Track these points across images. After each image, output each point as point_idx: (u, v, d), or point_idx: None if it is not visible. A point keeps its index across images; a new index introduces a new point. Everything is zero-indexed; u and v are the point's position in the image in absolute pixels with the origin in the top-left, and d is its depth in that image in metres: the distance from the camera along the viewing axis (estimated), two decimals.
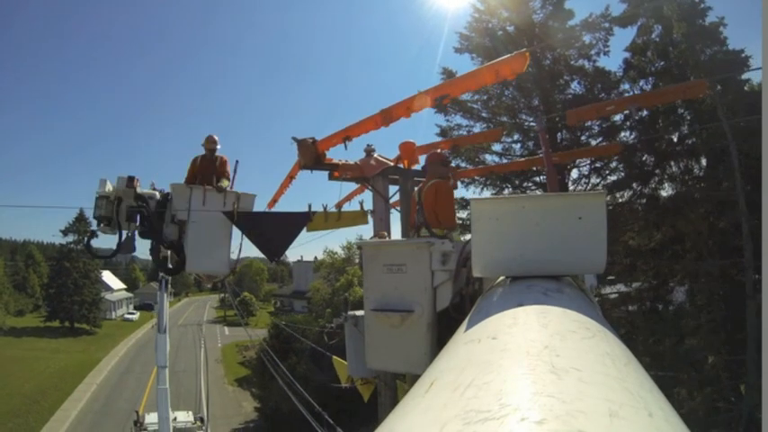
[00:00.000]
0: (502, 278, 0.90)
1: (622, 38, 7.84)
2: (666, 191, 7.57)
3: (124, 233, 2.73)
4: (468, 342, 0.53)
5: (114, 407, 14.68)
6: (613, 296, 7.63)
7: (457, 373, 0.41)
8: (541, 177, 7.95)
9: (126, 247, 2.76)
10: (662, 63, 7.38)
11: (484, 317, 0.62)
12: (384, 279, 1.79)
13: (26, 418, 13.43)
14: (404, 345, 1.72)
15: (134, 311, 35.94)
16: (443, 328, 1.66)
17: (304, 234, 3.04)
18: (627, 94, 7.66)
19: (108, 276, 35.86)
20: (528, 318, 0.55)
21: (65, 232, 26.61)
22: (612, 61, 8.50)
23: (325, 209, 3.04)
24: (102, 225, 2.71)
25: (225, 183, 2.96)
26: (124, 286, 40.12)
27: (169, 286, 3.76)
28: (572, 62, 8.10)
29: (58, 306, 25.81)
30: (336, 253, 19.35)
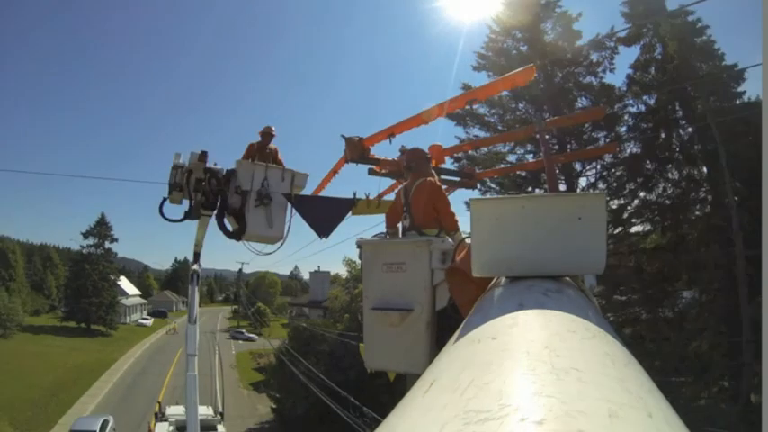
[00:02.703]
0: (502, 278, 0.90)
1: (627, 55, 8.40)
2: (668, 194, 8.09)
3: (192, 202, 3.03)
4: (467, 342, 0.53)
5: (130, 403, 14.94)
6: (618, 298, 7.89)
7: (457, 373, 0.41)
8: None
9: (194, 213, 3.07)
10: (664, 78, 7.96)
11: (484, 317, 0.61)
12: (383, 278, 1.78)
13: (45, 409, 13.74)
14: (403, 344, 1.72)
15: (148, 317, 36.72)
16: (442, 327, 1.66)
17: (329, 241, 3.40)
18: (630, 109, 8.34)
19: (124, 282, 36.63)
20: (528, 318, 0.55)
21: (86, 235, 27.36)
22: (618, 77, 9.08)
23: (367, 197, 3.35)
24: (173, 192, 3.03)
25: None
26: (139, 292, 40.95)
27: (199, 279, 3.94)
28: (580, 79, 8.73)
29: (76, 306, 26.30)
30: (355, 262, 19.79)
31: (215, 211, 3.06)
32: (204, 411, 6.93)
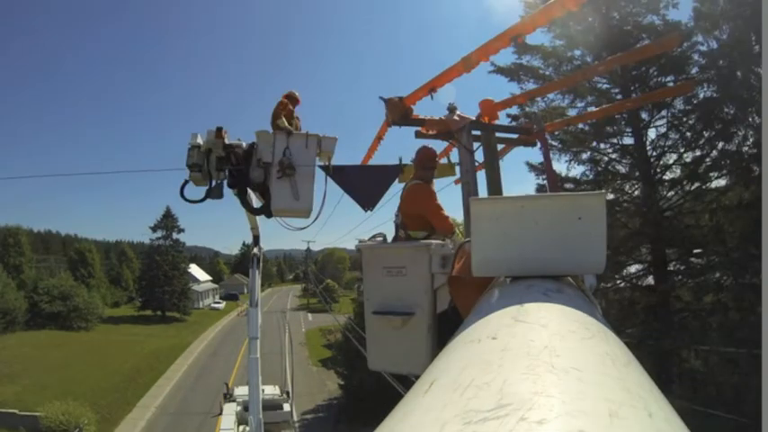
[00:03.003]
0: (502, 278, 0.90)
1: None
2: (751, 142, 6.43)
3: (214, 182, 2.87)
4: (467, 342, 0.53)
5: (204, 384, 15.56)
6: (699, 261, 6.92)
7: (457, 373, 0.41)
8: (619, 138, 7.63)
9: (215, 193, 2.90)
10: (734, 7, 6.54)
11: (483, 317, 0.62)
12: (384, 282, 1.79)
13: (124, 393, 14.84)
14: (405, 346, 1.73)
15: (220, 301, 38.32)
16: (443, 329, 1.66)
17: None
18: (700, 47, 7.07)
19: (195, 269, 38.25)
20: (528, 318, 0.55)
21: (154, 228, 29.01)
22: (683, 13, 8.08)
23: None
24: (193, 173, 2.85)
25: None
26: (210, 278, 42.72)
27: (261, 263, 3.85)
28: (640, 19, 7.52)
29: (151, 296, 27.88)
30: None
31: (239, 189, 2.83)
32: (270, 391, 6.97)
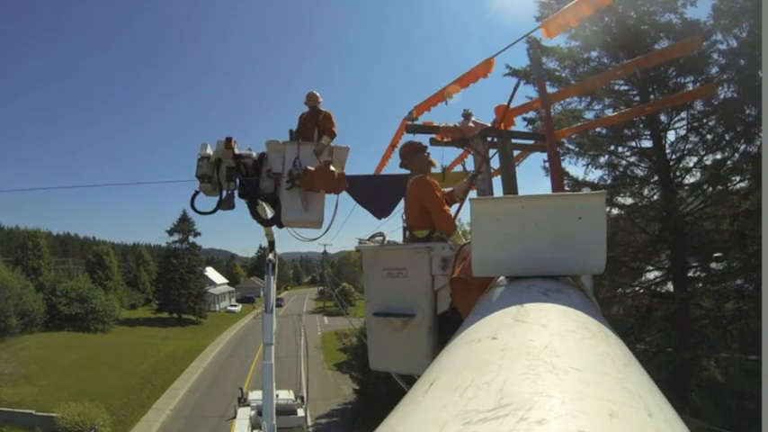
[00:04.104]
0: (501, 278, 0.89)
1: None
2: None
3: (224, 192, 2.86)
4: (467, 342, 0.53)
5: (219, 387, 15.62)
6: (720, 267, 6.71)
7: (457, 373, 0.41)
8: (637, 141, 7.41)
9: (226, 203, 2.88)
10: (754, 4, 6.30)
11: (483, 317, 0.61)
12: (385, 283, 1.78)
13: (139, 395, 14.90)
14: (406, 347, 1.72)
15: (236, 304, 38.47)
16: (444, 330, 1.66)
17: None
18: (720, 46, 6.83)
19: (211, 272, 38.95)
20: (528, 318, 0.55)
21: (170, 232, 29.31)
22: (701, 11, 7.62)
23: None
24: (203, 184, 2.83)
25: (326, 140, 2.97)
26: (226, 281, 43.05)
27: (276, 269, 3.84)
28: (657, 18, 7.31)
29: (167, 299, 28.15)
30: None
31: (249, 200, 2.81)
32: (285, 396, 7.03)
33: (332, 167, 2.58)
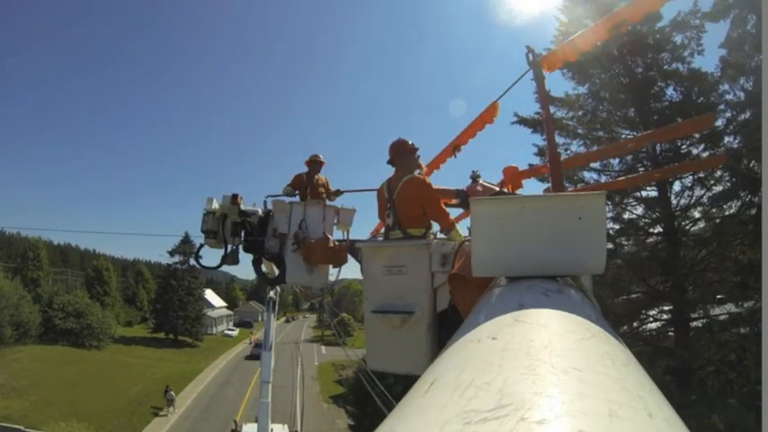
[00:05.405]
0: (502, 278, 0.89)
1: (716, 34, 7.21)
2: None
3: (229, 247, 2.86)
4: (467, 342, 0.53)
5: (213, 414, 15.26)
6: (723, 317, 6.68)
7: (457, 373, 0.41)
8: (642, 192, 7.37)
9: (231, 259, 2.89)
10: (761, 57, 6.39)
11: (484, 317, 0.61)
12: (384, 280, 1.77)
13: (130, 418, 14.50)
14: (404, 346, 1.70)
15: (233, 328, 38.04)
16: (443, 329, 1.65)
17: None
18: (727, 96, 6.95)
19: (210, 294, 38.54)
20: (528, 318, 0.55)
21: (171, 253, 29.11)
22: (708, 61, 7.84)
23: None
24: (208, 239, 2.85)
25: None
26: (225, 304, 42.55)
27: (276, 306, 3.85)
28: (665, 66, 7.40)
29: (164, 320, 27.82)
30: None
31: (253, 256, 2.83)
32: (279, 430, 6.96)
33: (331, 242, 2.52)
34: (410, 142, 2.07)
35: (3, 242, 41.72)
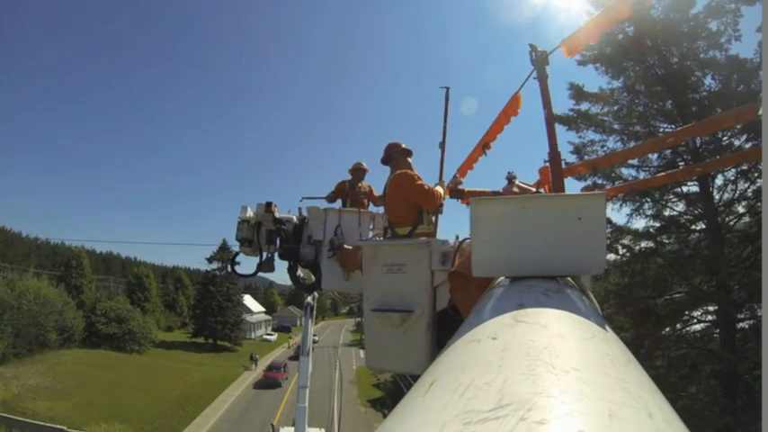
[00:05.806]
0: (502, 278, 0.89)
1: (753, 17, 6.70)
2: None
3: (264, 254, 2.87)
4: (467, 342, 0.53)
5: (250, 417, 15.31)
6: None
7: (457, 373, 0.41)
8: (683, 188, 7.11)
9: (266, 266, 2.89)
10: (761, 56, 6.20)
11: (484, 317, 0.62)
12: (384, 279, 1.77)
13: (170, 421, 14.72)
14: (403, 345, 1.70)
15: (272, 333, 38.34)
16: (443, 327, 1.64)
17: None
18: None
19: (248, 300, 38.69)
20: (528, 318, 0.55)
21: (210, 260, 29.42)
22: (747, 47, 7.26)
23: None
24: (243, 247, 2.85)
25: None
26: (263, 309, 42.83)
27: (314, 312, 3.86)
28: (702, 55, 7.06)
29: (203, 325, 28.16)
30: None
31: (288, 263, 2.79)
32: None
33: None
34: (403, 145, 2.15)
35: (48, 252, 42.46)
